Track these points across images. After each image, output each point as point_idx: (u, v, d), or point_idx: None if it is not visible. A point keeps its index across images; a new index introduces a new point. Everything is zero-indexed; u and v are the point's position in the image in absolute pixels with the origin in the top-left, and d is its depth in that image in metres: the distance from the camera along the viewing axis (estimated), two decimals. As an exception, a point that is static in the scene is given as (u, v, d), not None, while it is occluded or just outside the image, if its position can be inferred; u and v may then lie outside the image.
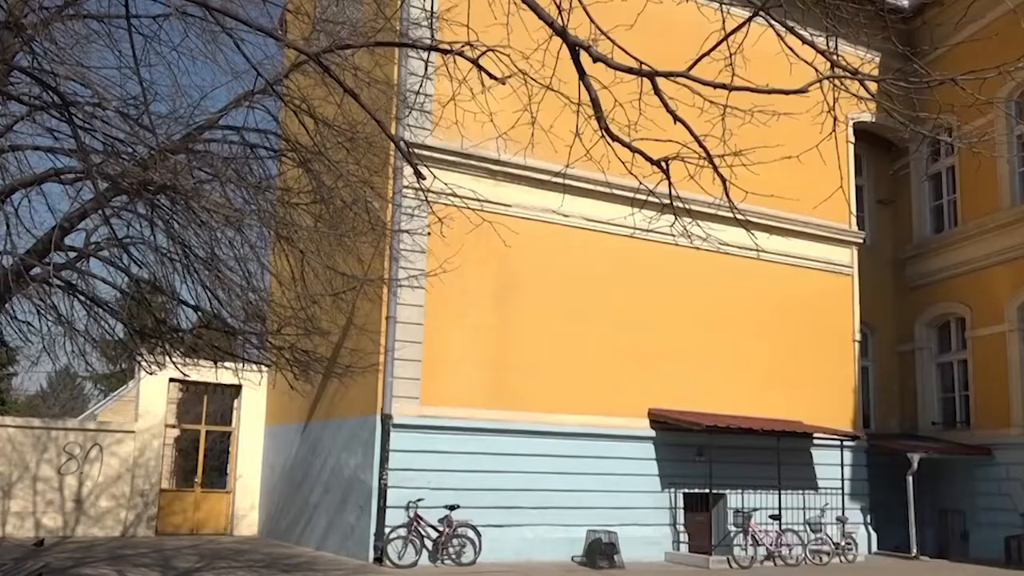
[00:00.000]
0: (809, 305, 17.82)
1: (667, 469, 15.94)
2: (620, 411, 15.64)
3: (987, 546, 17.25)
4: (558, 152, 7.03)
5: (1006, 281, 17.77)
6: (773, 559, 15.40)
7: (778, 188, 10.98)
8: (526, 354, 15.09)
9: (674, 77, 5.79)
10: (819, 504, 16.95)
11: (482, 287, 14.91)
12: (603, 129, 5.85)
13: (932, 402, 19.74)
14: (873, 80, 5.95)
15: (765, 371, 17.06)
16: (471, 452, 14.35)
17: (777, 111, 6.46)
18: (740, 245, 15.07)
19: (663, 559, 15.45)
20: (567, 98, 6.12)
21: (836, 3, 6.29)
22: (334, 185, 9.21)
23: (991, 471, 17.61)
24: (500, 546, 14.23)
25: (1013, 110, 17.95)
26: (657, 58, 6.40)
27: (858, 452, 17.85)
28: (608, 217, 15.49)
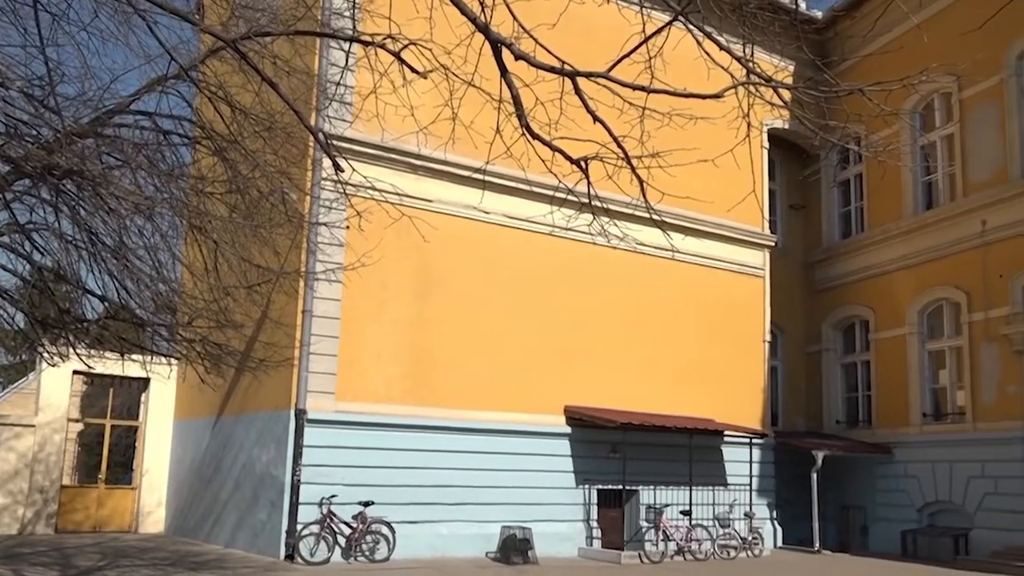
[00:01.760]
0: (722, 306, 18.25)
1: (582, 465, 16.12)
2: (537, 408, 15.75)
3: (885, 540, 17.95)
4: (479, 148, 7.02)
5: (908, 286, 18.51)
6: (683, 554, 15.73)
7: (694, 191, 11.25)
8: (444, 350, 15.05)
9: (594, 77, 5.85)
10: (728, 500, 17.37)
11: (401, 282, 14.81)
12: (524, 127, 5.87)
13: (837, 401, 20.43)
14: (786, 88, 6.12)
15: (679, 370, 17.39)
16: (387, 448, 14.25)
17: (694, 115, 6.60)
18: (656, 245, 15.35)
19: (576, 554, 15.62)
20: (488, 95, 6.13)
21: (752, 12, 6.44)
22: (250, 175, 9.01)
23: (890, 468, 18.31)
24: (414, 542, 14.17)
25: (917, 122, 18.69)
26: (578, 58, 6.46)
27: (766, 449, 18.35)
28: (528, 215, 15.58)
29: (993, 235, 16.50)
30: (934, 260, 17.86)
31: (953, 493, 16.87)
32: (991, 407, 16.35)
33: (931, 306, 18.11)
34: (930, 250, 17.93)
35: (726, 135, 7.32)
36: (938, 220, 17.81)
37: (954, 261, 17.36)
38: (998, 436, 16.03)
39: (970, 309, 16.95)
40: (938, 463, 17.23)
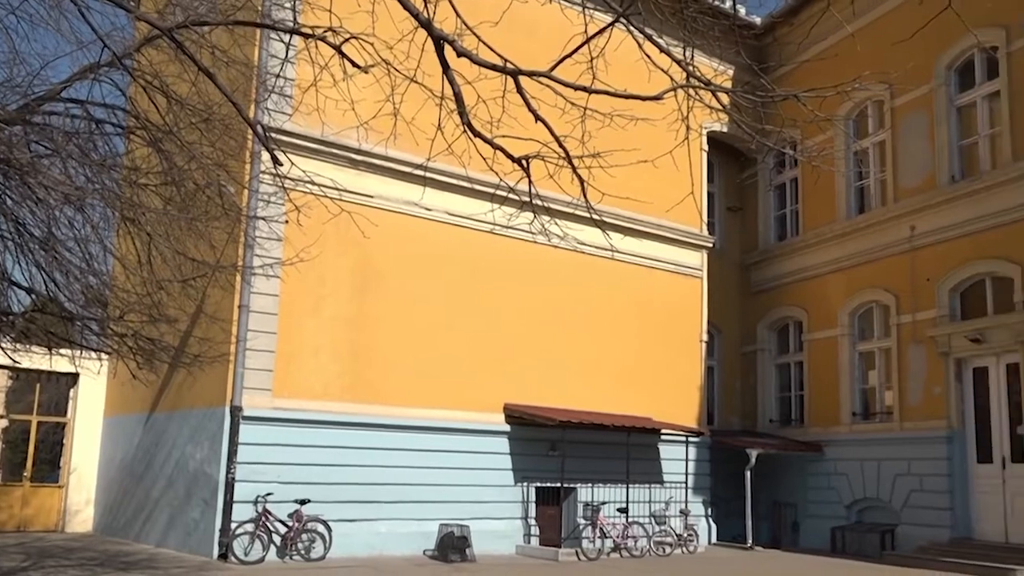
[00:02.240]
0: (661, 306, 18.47)
1: (520, 463, 16.16)
2: (476, 406, 15.75)
3: (815, 536, 18.37)
4: (420, 145, 7.01)
5: (840, 288, 18.96)
6: (620, 551, 15.87)
7: (634, 191, 11.37)
8: (384, 347, 14.96)
9: (536, 77, 5.87)
10: (664, 497, 17.59)
11: (340, 278, 14.67)
12: (465, 124, 5.86)
13: (771, 401, 20.83)
14: (724, 92, 6.22)
15: (618, 368, 17.55)
16: (324, 446, 14.10)
17: (635, 116, 6.66)
18: (596, 245, 15.44)
19: (514, 552, 15.66)
20: (430, 91, 6.11)
21: (693, 16, 6.53)
22: (186, 167, 8.85)
23: (821, 466, 18.74)
24: (352, 541, 14.05)
25: (851, 128, 19.15)
26: (521, 57, 6.46)
27: (702, 448, 18.63)
28: (469, 212, 15.55)
29: (921, 240, 16.99)
30: (865, 263, 18.32)
31: (880, 490, 17.34)
32: (917, 407, 16.83)
33: (861, 308, 18.58)
34: (861, 254, 18.39)
35: (666, 137, 7.42)
36: (869, 225, 18.27)
37: (884, 265, 17.83)
38: (923, 435, 16.52)
39: (898, 312, 17.42)
40: (866, 461, 17.69)
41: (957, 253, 16.28)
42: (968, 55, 16.61)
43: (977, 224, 15.94)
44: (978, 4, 5.70)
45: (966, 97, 16.82)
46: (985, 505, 15.61)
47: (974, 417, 16.00)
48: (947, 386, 16.29)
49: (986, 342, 15.60)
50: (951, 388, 16.24)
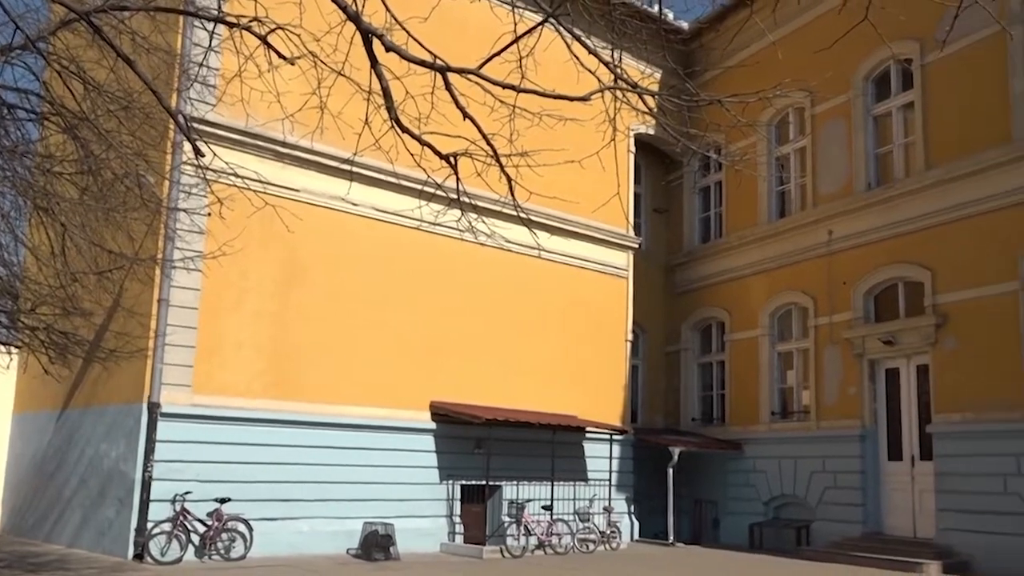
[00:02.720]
0: (587, 305, 18.64)
1: (446, 461, 16.13)
2: (402, 403, 15.66)
3: (734, 533, 18.79)
4: (346, 139, 6.92)
5: (761, 290, 19.41)
6: (544, 548, 15.97)
7: (561, 191, 11.44)
8: (309, 343, 14.76)
9: (466, 74, 5.86)
10: (588, 495, 17.76)
11: (264, 272, 14.42)
12: (393, 120, 5.83)
13: (693, 400, 21.22)
14: (650, 94, 6.31)
15: (544, 366, 17.65)
16: (246, 443, 13.84)
17: (564, 116, 6.70)
18: (524, 244, 15.44)
19: (438, 550, 15.62)
20: (358, 85, 6.05)
21: (621, 18, 6.60)
22: (104, 155, 8.58)
23: (741, 464, 19.17)
24: (273, 540, 13.83)
25: (773, 134, 19.63)
26: (451, 53, 6.45)
27: (626, 446, 18.87)
28: (396, 208, 15.44)
29: (838, 244, 17.51)
30: (785, 266, 18.79)
31: (797, 487, 17.81)
32: (833, 407, 17.34)
33: (781, 310, 19.06)
34: (782, 256, 18.85)
35: (594, 138, 7.47)
36: (789, 228, 18.75)
37: (803, 268, 18.32)
38: (838, 434, 17.03)
39: (816, 313, 17.93)
40: (784, 459, 18.15)
41: (872, 258, 16.83)
42: (885, 66, 17.17)
43: (891, 230, 16.50)
44: (894, 17, 5.91)
45: (882, 107, 17.39)
46: (895, 501, 16.17)
47: (886, 416, 16.56)
48: (861, 386, 16.83)
49: (898, 344, 16.17)
50: (865, 388, 16.78)
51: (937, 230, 15.64)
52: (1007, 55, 14.74)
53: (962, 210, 15.22)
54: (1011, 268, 14.32)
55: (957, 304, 15.18)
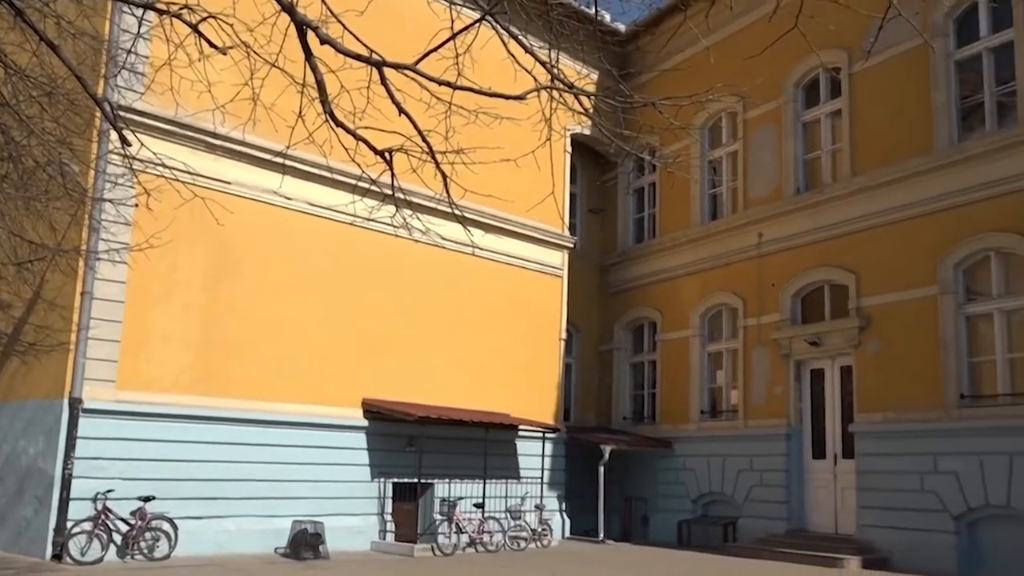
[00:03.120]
0: (521, 303, 18.70)
1: (378, 459, 16.02)
2: (334, 400, 15.49)
3: (663, 530, 19.06)
4: (279, 132, 6.82)
5: (692, 291, 19.73)
6: (475, 546, 15.98)
7: (497, 189, 11.41)
8: (239, 338, 14.50)
9: (402, 69, 5.82)
10: (520, 493, 17.82)
11: (194, 266, 14.12)
12: (327, 113, 5.76)
13: (625, 398, 21.46)
14: (586, 95, 6.35)
15: (478, 364, 17.65)
16: (172, 440, 13.54)
17: (500, 115, 6.70)
18: (458, 241, 15.41)
19: (369, 548, 15.51)
20: (292, 77, 5.96)
21: (559, 19, 6.63)
22: (25, 142, 8.30)
23: (670, 462, 19.45)
24: (199, 539, 13.56)
25: (705, 138, 19.97)
26: (388, 48, 6.40)
27: (558, 444, 18.99)
28: (330, 203, 15.24)
29: (768, 247, 17.88)
30: (716, 268, 19.12)
31: (724, 485, 18.15)
32: (760, 406, 17.72)
33: (712, 311, 19.39)
34: (713, 258, 19.19)
35: (530, 137, 7.49)
36: (721, 231, 19.09)
37: (733, 269, 18.67)
38: (765, 433, 17.40)
39: (745, 315, 18.28)
40: (712, 457, 18.48)
41: (800, 261, 17.23)
42: (814, 74, 17.60)
43: (818, 234, 16.92)
44: (823, 27, 6.06)
45: (811, 114, 17.82)
46: (818, 498, 16.60)
47: (810, 416, 16.98)
48: (787, 386, 17.22)
49: (823, 345, 16.58)
50: (791, 388, 17.18)
51: (862, 235, 16.09)
52: (930, 67, 15.23)
53: (886, 216, 15.69)
54: (931, 273, 14.81)
55: (880, 307, 15.65)
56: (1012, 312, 13.94)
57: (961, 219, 14.51)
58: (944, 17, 15.11)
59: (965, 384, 14.27)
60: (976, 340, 14.44)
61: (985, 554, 13.66)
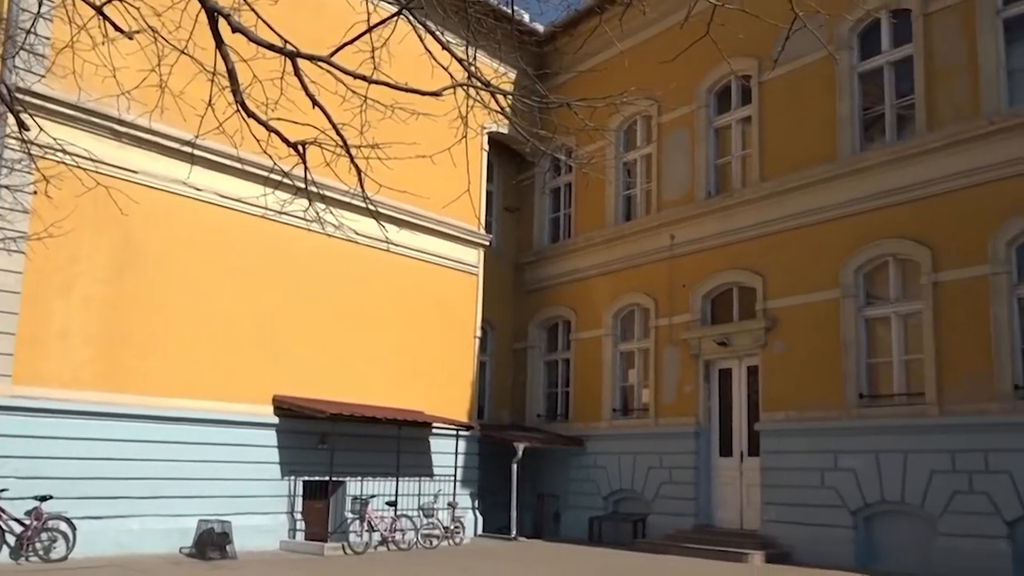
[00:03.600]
0: (436, 300, 18.64)
1: (288, 456, 15.76)
2: (243, 397, 15.18)
3: (575, 527, 19.26)
4: (188, 121, 6.65)
5: (605, 291, 19.99)
6: (387, 544, 15.87)
7: (413, 185, 11.36)
8: (144, 333, 14.06)
9: (317, 61, 5.75)
10: (433, 490, 17.78)
11: (96, 257, 13.63)
12: (239, 103, 5.65)
13: (539, 396, 21.61)
14: (502, 93, 6.38)
15: (392, 361, 17.53)
16: (72, 438, 13.03)
17: (416, 110, 6.67)
18: (373, 237, 15.32)
19: (278, 547, 15.25)
20: (201, 65, 5.82)
21: (476, 16, 6.64)
22: (-86, 124, 7.88)
23: (582, 459, 19.68)
24: (99, 539, 13.10)
25: (620, 140, 20.26)
26: (303, 39, 6.31)
27: (472, 441, 19.00)
28: (241, 195, 14.91)
29: (679, 249, 18.24)
30: (629, 268, 19.41)
31: (635, 482, 18.45)
32: (670, 405, 18.07)
33: (624, 310, 19.68)
34: (626, 259, 19.47)
35: (447, 134, 7.49)
36: (634, 232, 19.39)
37: (646, 270, 18.98)
38: (675, 431, 17.75)
39: (657, 315, 18.62)
40: (623, 455, 18.76)
41: (710, 263, 17.63)
42: (726, 81, 18.03)
43: (728, 237, 17.34)
44: (734, 35, 6.23)
45: (723, 119, 18.26)
46: (724, 495, 17.02)
47: (718, 414, 17.40)
48: (697, 386, 17.61)
49: (731, 346, 17.01)
50: (700, 387, 17.56)
51: (769, 239, 16.56)
52: (835, 78, 15.78)
53: (792, 221, 16.18)
54: (834, 277, 15.35)
55: (785, 309, 16.13)
56: (908, 316, 14.55)
57: (862, 225, 15.08)
58: (849, 31, 15.67)
59: (864, 384, 14.84)
60: (874, 342, 15.03)
61: (880, 547, 14.24)
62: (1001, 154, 13.39)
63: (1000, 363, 13.03)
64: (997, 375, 13.04)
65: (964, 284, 13.62)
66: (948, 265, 13.86)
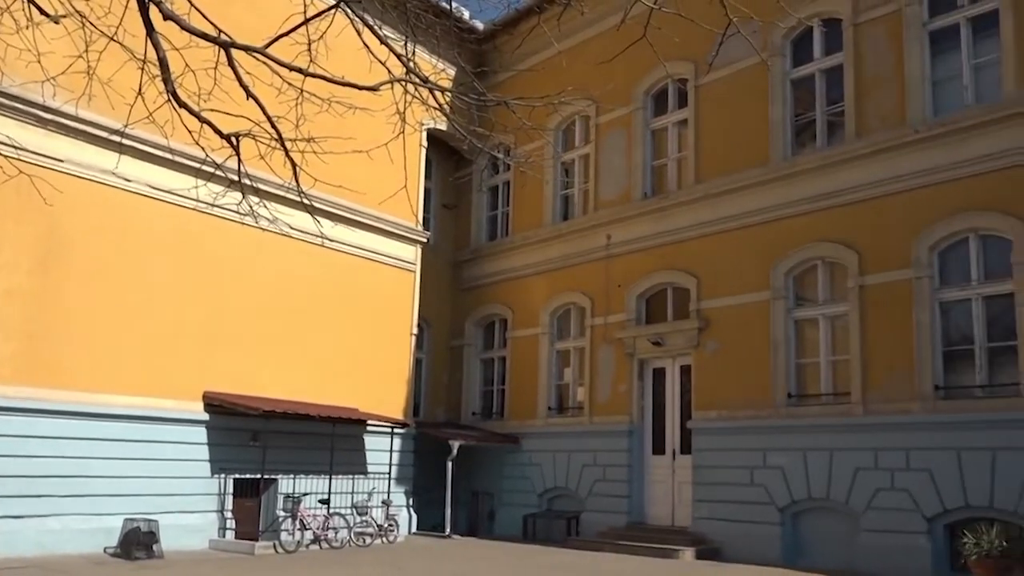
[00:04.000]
0: (373, 297, 18.51)
1: (219, 454, 15.48)
2: (173, 393, 14.86)
3: (509, 524, 19.32)
4: (117, 109, 6.49)
5: (542, 290, 20.08)
6: (320, 543, 15.70)
7: (350, 180, 11.29)
8: (69, 327, 13.66)
9: (252, 52, 5.66)
10: (367, 488, 17.64)
11: (19, 248, 13.19)
12: (170, 93, 5.53)
13: (475, 394, 21.61)
14: (440, 90, 6.36)
15: (327, 358, 17.35)
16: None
17: (354, 105, 6.63)
18: (308, 231, 15.13)
19: (207, 547, 14.97)
20: (132, 52, 5.68)
21: (416, 12, 6.61)
22: None
23: (517, 457, 19.74)
24: (18, 539, 12.69)
25: (559, 139, 20.37)
26: (238, 29, 6.21)
27: (407, 439, 18.91)
28: (172, 187, 14.52)
29: (616, 249, 18.42)
30: (566, 267, 19.53)
31: (569, 480, 18.57)
32: (605, 403, 18.23)
33: (561, 309, 19.79)
34: (563, 258, 19.59)
35: (384, 129, 7.44)
36: (571, 231, 19.52)
37: (583, 270, 19.12)
38: (609, 429, 17.92)
39: (593, 314, 18.77)
40: (558, 453, 18.87)
41: (645, 263, 17.84)
42: (663, 84, 18.25)
43: (663, 238, 17.56)
44: (670, 39, 6.33)
45: (659, 122, 18.49)
46: (657, 492, 17.25)
47: (652, 413, 17.62)
48: (631, 384, 17.80)
49: (665, 345, 17.25)
50: (634, 386, 17.76)
51: (703, 240, 16.83)
52: (768, 84, 16.11)
53: (725, 223, 16.47)
54: (765, 279, 15.67)
55: (718, 310, 16.42)
56: (835, 317, 14.93)
57: (793, 229, 15.42)
58: (782, 38, 16.02)
59: (792, 384, 15.19)
60: (803, 343, 15.39)
61: (806, 543, 14.59)
62: (925, 162, 13.84)
63: (921, 364, 13.47)
64: (918, 376, 13.48)
65: (889, 287, 14.03)
66: (874, 269, 14.27)
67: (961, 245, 13.53)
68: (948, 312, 13.63)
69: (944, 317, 13.62)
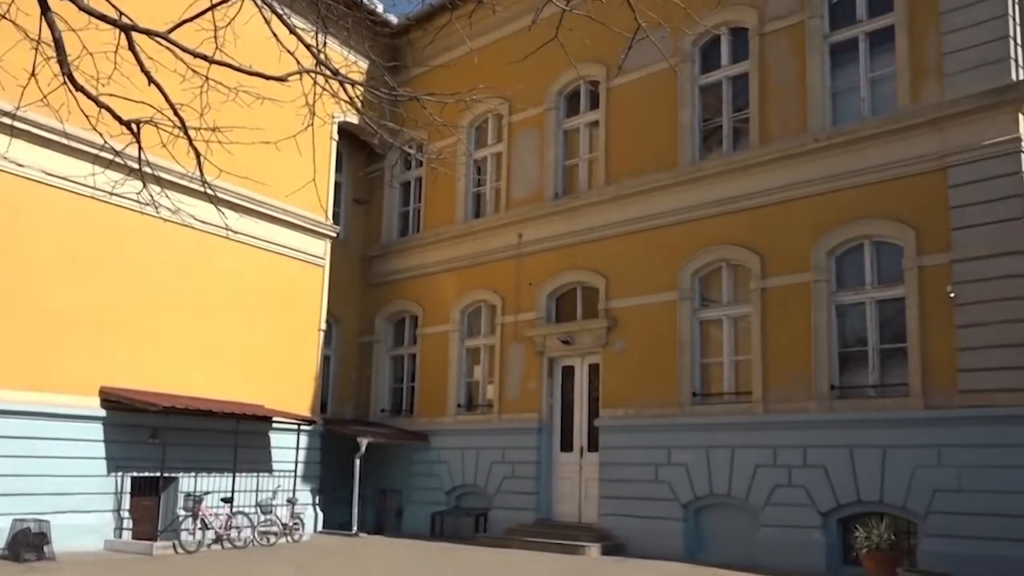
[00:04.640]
0: (279, 291, 18.16)
1: (116, 452, 14.96)
2: (66, 388, 14.28)
3: (417, 522, 19.24)
4: (7, 90, 6.20)
5: (453, 287, 20.05)
6: (222, 542, 15.34)
7: (257, 172, 11.04)
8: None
9: (154, 36, 5.50)
10: (272, 486, 17.31)
11: (-100, 236, 12.50)
12: (66, 75, 5.33)
13: (384, 391, 21.43)
14: (351, 83, 6.30)
15: (231, 353, 16.95)
16: None
17: (262, 95, 6.50)
18: (212, 223, 14.71)
19: (103, 548, 14.45)
20: (24, 31, 5.45)
21: (327, 2, 6.52)
22: None
23: (426, 455, 19.67)
24: None
25: (472, 137, 20.38)
26: (140, 13, 6.01)
27: (314, 436, 18.63)
28: (68, 173, 13.90)
29: (527, 248, 18.52)
30: (477, 265, 19.54)
31: (478, 477, 18.61)
32: (515, 401, 18.33)
33: (472, 307, 19.80)
34: (475, 255, 19.61)
35: (294, 121, 7.31)
36: (483, 229, 19.55)
37: (494, 268, 19.17)
38: (518, 426, 18.01)
39: (503, 312, 18.85)
40: (467, 450, 18.89)
41: (556, 262, 18.00)
42: (576, 85, 18.45)
43: (573, 237, 17.75)
44: (581, 40, 6.43)
45: (572, 122, 18.68)
46: (564, 489, 17.42)
47: (560, 411, 17.80)
48: (540, 382, 17.94)
49: (574, 344, 17.44)
50: (543, 384, 17.90)
51: (612, 241, 17.07)
52: (677, 89, 16.45)
53: (634, 224, 16.74)
54: (672, 280, 15.99)
55: (626, 310, 16.68)
56: (738, 318, 15.35)
57: (699, 231, 15.78)
58: (691, 44, 16.37)
59: (697, 383, 15.55)
60: (708, 343, 15.77)
61: (707, 538, 14.98)
62: (824, 169, 14.36)
63: (819, 365, 13.97)
64: (815, 376, 13.98)
65: (789, 290, 14.51)
66: (775, 272, 14.72)
67: (857, 250, 14.10)
68: (844, 315, 14.18)
69: (840, 320, 14.17)
